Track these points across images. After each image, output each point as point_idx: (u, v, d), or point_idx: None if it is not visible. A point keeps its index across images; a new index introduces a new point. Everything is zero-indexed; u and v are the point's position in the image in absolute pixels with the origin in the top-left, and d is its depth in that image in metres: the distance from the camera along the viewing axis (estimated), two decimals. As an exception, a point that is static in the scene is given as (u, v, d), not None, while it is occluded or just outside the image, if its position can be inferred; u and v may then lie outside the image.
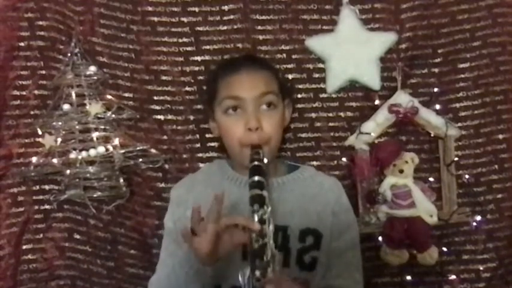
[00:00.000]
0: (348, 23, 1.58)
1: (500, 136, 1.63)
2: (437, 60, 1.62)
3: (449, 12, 1.60)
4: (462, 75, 1.62)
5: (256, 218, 1.15)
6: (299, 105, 1.59)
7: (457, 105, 1.62)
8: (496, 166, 1.64)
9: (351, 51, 1.58)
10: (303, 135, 1.62)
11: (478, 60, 1.61)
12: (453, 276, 1.64)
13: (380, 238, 1.58)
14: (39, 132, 1.58)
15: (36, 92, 1.60)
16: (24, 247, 1.62)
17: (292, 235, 1.32)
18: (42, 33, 1.59)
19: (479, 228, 1.62)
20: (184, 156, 1.60)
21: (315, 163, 1.59)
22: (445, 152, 1.61)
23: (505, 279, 1.65)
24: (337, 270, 1.36)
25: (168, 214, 1.43)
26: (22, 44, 1.60)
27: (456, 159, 1.61)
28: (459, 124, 1.61)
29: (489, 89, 1.61)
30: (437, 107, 1.59)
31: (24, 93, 1.60)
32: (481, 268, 1.64)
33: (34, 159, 1.58)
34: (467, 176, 1.62)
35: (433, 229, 1.60)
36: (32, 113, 1.60)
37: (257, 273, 1.11)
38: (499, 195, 1.63)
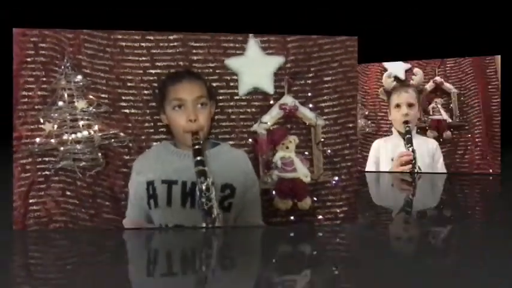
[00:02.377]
0: (253, 49, 1.88)
1: (350, 125, 1.94)
2: (310, 75, 1.92)
3: (318, 44, 1.91)
4: (326, 85, 1.93)
5: (203, 187, 1.60)
6: (220, 104, 1.87)
7: (323, 104, 1.93)
8: (348, 144, 1.94)
9: (255, 68, 1.87)
10: (223, 123, 1.89)
11: (336, 75, 1.93)
12: (320, 216, 1.91)
13: (273, 192, 1.86)
14: (41, 121, 1.75)
15: (39, 93, 1.76)
16: (30, 201, 1.76)
17: (216, 188, 1.72)
18: (43, 52, 1.76)
19: (337, 185, 1.92)
20: (143, 137, 1.83)
21: (231, 142, 1.87)
22: (315, 135, 1.90)
23: (354, 217, 1.90)
24: (251, 211, 1.77)
25: (130, 180, 1.77)
26: (29, 59, 1.76)
27: (322, 140, 1.89)
28: (324, 117, 1.91)
29: (343, 94, 1.91)
30: (310, 105, 1.90)
31: (30, 93, 1.76)
32: (338, 211, 1.93)
33: (38, 139, 1.74)
34: (329, 151, 1.91)
35: (308, 186, 1.87)
36: (36, 107, 1.77)
37: (209, 226, 1.61)
38: (349, 163, 1.93)
